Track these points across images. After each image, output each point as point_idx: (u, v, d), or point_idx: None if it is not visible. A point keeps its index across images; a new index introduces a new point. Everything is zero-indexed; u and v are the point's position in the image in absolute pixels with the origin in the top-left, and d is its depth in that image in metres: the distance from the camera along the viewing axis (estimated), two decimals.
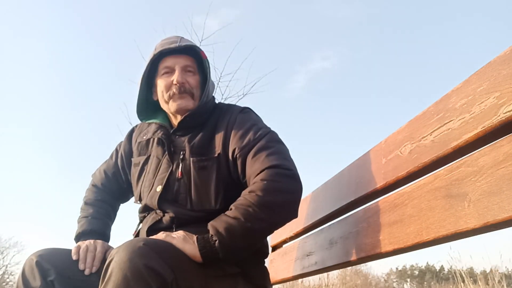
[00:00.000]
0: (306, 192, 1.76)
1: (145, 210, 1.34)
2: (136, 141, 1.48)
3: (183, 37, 1.39)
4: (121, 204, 1.62)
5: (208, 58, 1.38)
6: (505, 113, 0.77)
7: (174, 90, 1.32)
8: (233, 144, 1.25)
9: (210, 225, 1.10)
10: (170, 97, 1.33)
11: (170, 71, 1.34)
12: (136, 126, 1.55)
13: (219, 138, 1.28)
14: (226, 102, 1.49)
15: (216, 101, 1.43)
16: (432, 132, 0.98)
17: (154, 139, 1.40)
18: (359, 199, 1.29)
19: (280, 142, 1.25)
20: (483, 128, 0.82)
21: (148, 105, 1.43)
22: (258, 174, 1.15)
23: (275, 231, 2.02)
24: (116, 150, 1.56)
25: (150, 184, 1.33)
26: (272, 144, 1.21)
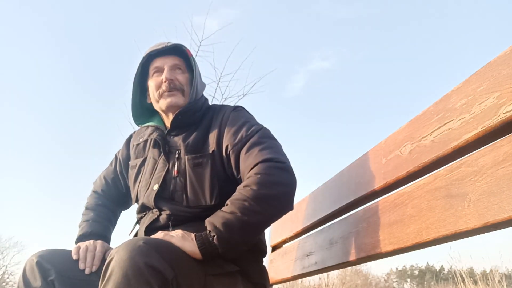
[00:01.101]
0: (305, 192, 1.77)
1: (142, 210, 1.35)
2: (133, 145, 1.50)
3: (170, 41, 1.42)
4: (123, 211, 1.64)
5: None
6: (505, 113, 0.77)
7: (164, 87, 1.35)
8: (226, 140, 1.26)
9: (207, 222, 1.11)
10: (160, 95, 1.36)
11: (160, 71, 1.37)
12: (134, 132, 1.58)
13: (213, 136, 1.30)
14: (226, 102, 1.51)
15: (210, 103, 1.46)
16: (432, 132, 0.98)
17: (150, 140, 1.42)
18: (359, 199, 1.29)
19: (272, 137, 1.27)
20: (483, 128, 0.82)
21: (143, 110, 1.46)
22: (252, 168, 1.16)
23: (275, 231, 2.03)
24: (116, 157, 1.59)
25: (147, 184, 1.34)
26: (264, 139, 1.23)
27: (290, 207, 1.17)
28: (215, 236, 1.07)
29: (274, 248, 2.03)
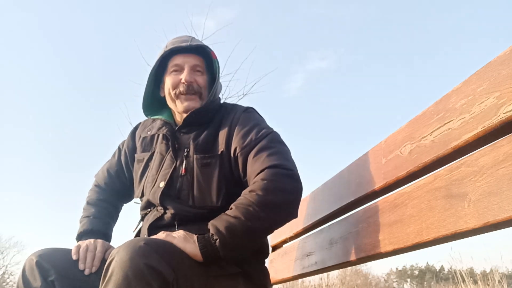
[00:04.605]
0: (305, 192, 1.76)
1: (147, 206, 1.34)
2: (140, 137, 1.48)
3: (194, 37, 1.40)
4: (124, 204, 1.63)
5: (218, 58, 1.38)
6: (505, 113, 0.77)
7: (181, 88, 1.33)
8: (235, 142, 1.26)
9: (210, 224, 1.10)
10: (176, 95, 1.34)
11: (179, 69, 1.36)
12: (140, 123, 1.56)
13: (222, 136, 1.29)
14: (226, 102, 1.50)
15: (222, 101, 1.44)
16: (432, 132, 0.98)
17: (158, 135, 1.41)
18: (359, 199, 1.29)
19: (281, 142, 1.26)
20: (483, 128, 0.82)
21: (153, 101, 1.44)
22: (258, 173, 1.15)
23: (275, 231, 2.02)
24: (119, 148, 1.56)
25: (153, 180, 1.33)
26: (273, 144, 1.22)
27: (295, 215, 1.16)
28: (218, 240, 1.06)
29: (274, 248, 2.03)
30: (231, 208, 1.11)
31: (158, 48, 1.42)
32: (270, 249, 2.04)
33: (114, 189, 1.55)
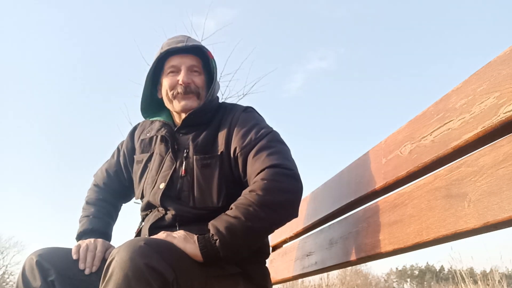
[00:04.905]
0: (305, 192, 1.76)
1: (147, 207, 1.34)
2: (139, 138, 1.48)
3: (190, 37, 1.40)
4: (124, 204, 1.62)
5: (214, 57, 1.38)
6: (505, 113, 0.78)
7: (179, 89, 1.33)
8: (235, 142, 1.25)
9: (210, 224, 1.10)
10: (174, 96, 1.34)
11: (176, 71, 1.35)
12: (139, 124, 1.56)
13: (222, 136, 1.29)
14: (225, 102, 1.50)
15: (220, 101, 1.44)
16: (432, 132, 0.98)
17: (157, 136, 1.41)
18: (359, 199, 1.29)
19: (281, 142, 1.26)
20: (483, 128, 0.82)
21: (152, 103, 1.44)
22: (258, 173, 1.15)
23: (275, 231, 2.02)
24: (118, 149, 1.56)
25: (153, 181, 1.33)
26: (273, 144, 1.22)
27: (295, 215, 1.16)
28: (218, 240, 1.06)
29: (274, 248, 2.03)
30: (231, 208, 1.11)
31: (158, 48, 1.42)
32: (270, 249, 2.04)
33: (113, 189, 1.55)
